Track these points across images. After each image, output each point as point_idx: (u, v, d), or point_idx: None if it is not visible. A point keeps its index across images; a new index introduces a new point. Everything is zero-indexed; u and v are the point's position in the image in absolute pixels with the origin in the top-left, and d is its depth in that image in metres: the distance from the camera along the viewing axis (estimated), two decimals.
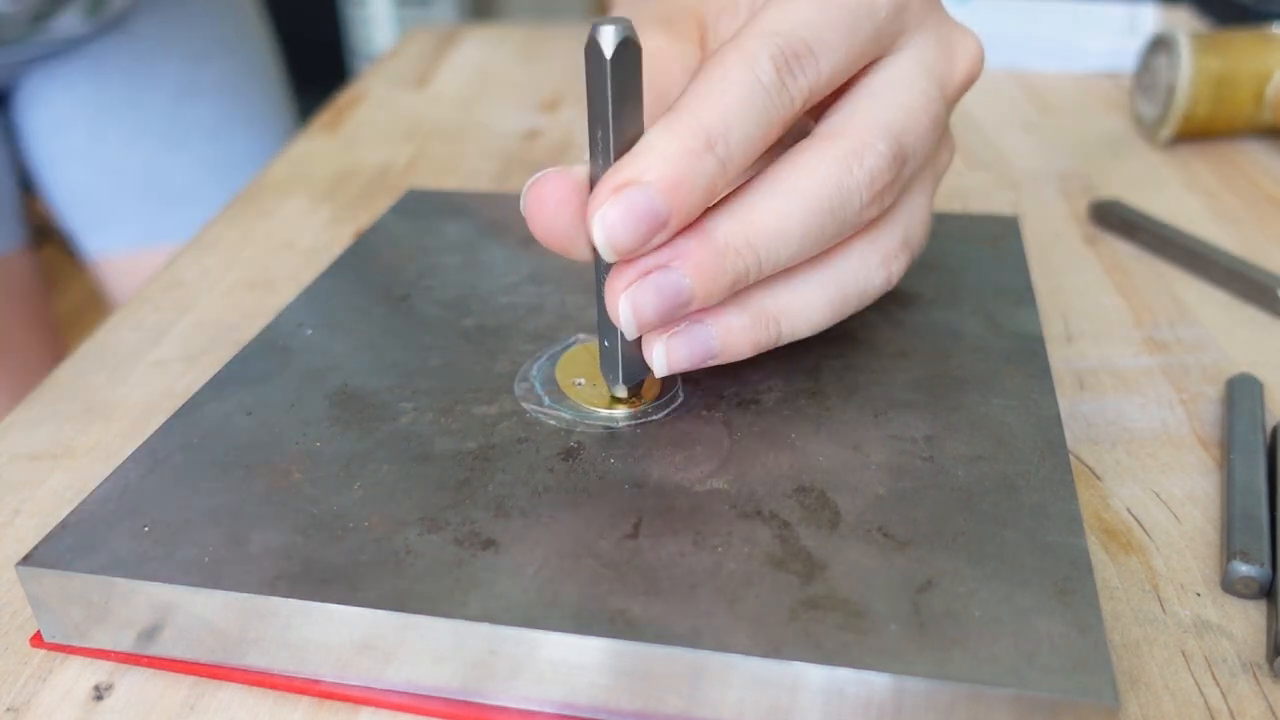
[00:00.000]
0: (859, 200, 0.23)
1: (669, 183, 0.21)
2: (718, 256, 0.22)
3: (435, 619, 0.20)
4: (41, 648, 0.24)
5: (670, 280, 0.22)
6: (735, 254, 0.23)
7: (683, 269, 0.22)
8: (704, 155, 0.21)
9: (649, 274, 0.22)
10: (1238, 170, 0.49)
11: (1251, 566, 0.24)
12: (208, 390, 0.28)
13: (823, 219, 0.23)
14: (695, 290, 0.23)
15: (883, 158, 0.24)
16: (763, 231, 0.23)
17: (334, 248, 0.43)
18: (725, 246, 0.22)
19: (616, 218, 0.21)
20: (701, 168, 0.21)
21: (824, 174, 0.23)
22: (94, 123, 0.64)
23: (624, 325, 0.23)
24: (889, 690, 0.19)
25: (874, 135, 0.24)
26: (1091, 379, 0.33)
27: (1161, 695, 0.22)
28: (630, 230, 0.21)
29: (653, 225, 0.21)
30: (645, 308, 0.23)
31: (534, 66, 0.69)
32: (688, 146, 0.21)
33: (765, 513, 0.23)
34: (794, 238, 0.23)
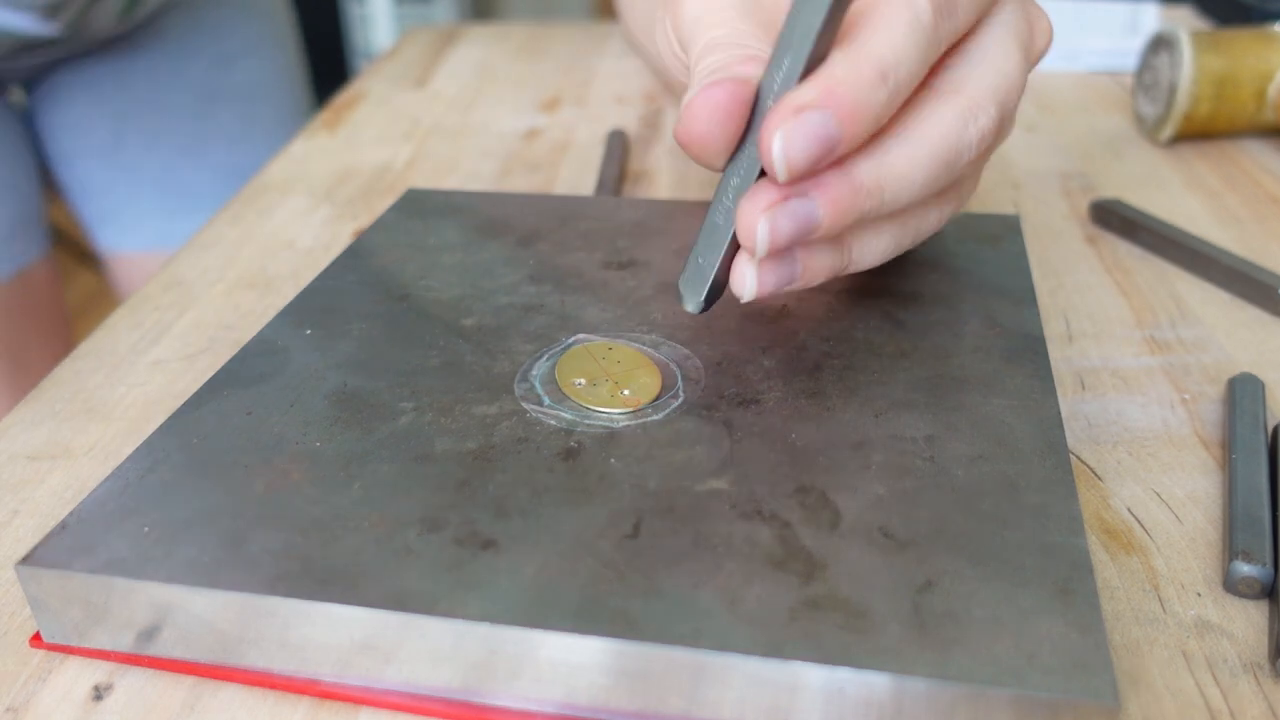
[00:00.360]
0: (969, 154, 0.25)
1: (849, 110, 0.23)
2: (853, 194, 0.24)
3: (435, 619, 0.20)
4: (41, 648, 0.24)
5: (806, 209, 0.24)
6: (867, 194, 0.24)
7: (820, 200, 0.24)
8: (878, 86, 0.23)
9: (789, 199, 0.24)
10: (1239, 170, 0.49)
11: (1254, 566, 0.24)
12: (207, 390, 0.28)
13: (941, 168, 0.25)
14: (824, 221, 0.24)
15: (992, 120, 0.26)
16: (893, 174, 0.24)
17: (334, 247, 0.43)
18: (860, 185, 0.24)
19: (796, 137, 0.22)
20: (875, 98, 0.23)
21: (947, 126, 0.25)
22: (115, 123, 0.63)
23: (758, 244, 0.24)
24: (889, 690, 0.19)
25: (987, 97, 0.26)
26: (1092, 379, 0.33)
27: (1162, 695, 0.22)
28: (805, 150, 0.23)
29: (826, 148, 0.23)
30: (780, 231, 0.24)
31: (534, 66, 0.69)
32: (866, 77, 0.23)
33: (765, 513, 0.23)
34: (918, 183, 0.25)
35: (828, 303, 0.31)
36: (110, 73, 0.62)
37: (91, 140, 0.64)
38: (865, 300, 0.32)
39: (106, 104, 0.63)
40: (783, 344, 0.29)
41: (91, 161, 0.64)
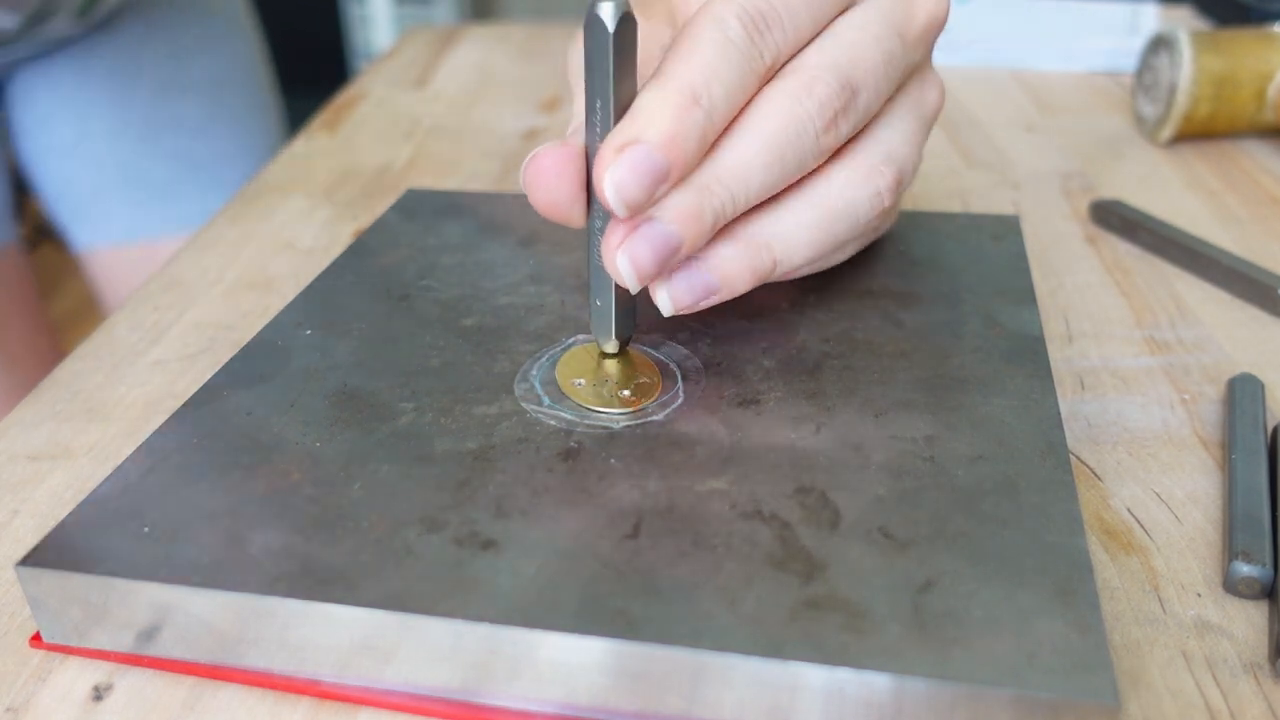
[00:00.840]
0: (813, 127, 0.25)
1: (666, 137, 0.23)
2: (695, 197, 0.24)
3: (435, 619, 0.20)
4: (41, 648, 0.24)
5: (658, 230, 0.24)
6: (709, 192, 0.24)
7: (666, 217, 0.24)
8: (692, 109, 0.23)
9: (638, 228, 0.24)
10: (1239, 170, 0.49)
11: (1254, 567, 0.24)
12: (207, 390, 0.28)
13: (781, 148, 0.25)
14: (682, 233, 0.24)
15: (829, 86, 0.25)
16: (729, 167, 0.25)
17: (333, 248, 0.43)
18: (700, 187, 0.24)
19: (624, 175, 0.23)
20: (692, 120, 0.23)
21: (776, 107, 0.25)
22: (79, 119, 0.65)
23: (626, 280, 0.25)
24: (889, 691, 0.19)
25: (820, 69, 0.25)
26: (1092, 379, 0.33)
27: (1162, 696, 0.22)
28: (637, 184, 0.23)
29: (656, 178, 0.23)
30: (642, 259, 0.24)
31: (534, 66, 0.69)
32: (676, 103, 0.23)
33: (765, 513, 0.23)
34: (757, 168, 0.25)
35: (828, 303, 0.31)
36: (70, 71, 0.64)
37: (58, 136, 0.65)
38: (865, 300, 0.32)
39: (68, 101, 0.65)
40: (783, 344, 0.29)
41: (58, 159, 0.66)
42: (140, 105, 0.65)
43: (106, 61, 0.64)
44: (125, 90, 0.65)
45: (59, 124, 0.65)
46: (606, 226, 0.25)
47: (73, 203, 0.67)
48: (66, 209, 0.68)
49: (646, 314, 0.31)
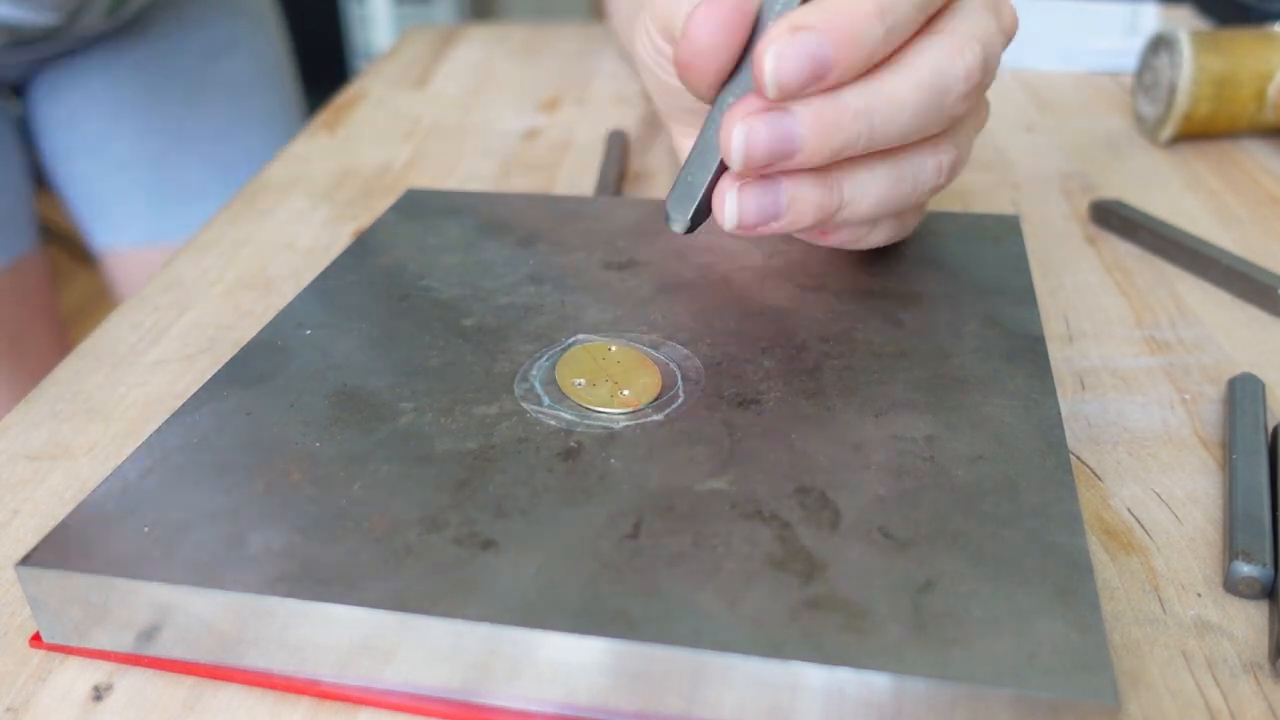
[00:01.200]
0: (957, 88, 0.26)
1: (844, 37, 0.23)
2: (837, 114, 0.24)
3: (435, 619, 0.20)
4: (41, 648, 0.24)
5: (787, 123, 0.24)
6: (853, 116, 0.24)
7: (803, 117, 0.24)
8: (874, 21, 0.24)
9: (770, 110, 0.24)
10: (1239, 170, 0.49)
11: (1254, 567, 0.24)
12: (207, 390, 0.28)
13: (930, 99, 0.25)
14: (807, 141, 0.24)
15: (978, 56, 0.26)
16: (881, 98, 0.25)
17: (333, 248, 0.43)
18: (845, 107, 0.24)
19: (789, 54, 0.23)
20: (871, 31, 0.24)
21: (934, 58, 0.25)
22: (106, 118, 0.64)
23: (733, 153, 0.24)
24: (889, 691, 0.19)
25: (972, 37, 0.26)
26: (1092, 379, 0.33)
27: (1162, 696, 0.22)
28: (797, 69, 0.23)
29: (817, 70, 0.23)
30: (757, 141, 0.24)
31: (534, 66, 0.69)
32: (865, 9, 0.23)
33: (765, 513, 0.23)
34: (906, 111, 0.25)
35: (828, 303, 0.31)
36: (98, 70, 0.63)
37: (82, 137, 0.65)
38: (865, 300, 0.32)
39: (95, 100, 0.64)
40: (783, 344, 0.29)
41: (83, 158, 0.66)
42: (169, 108, 0.65)
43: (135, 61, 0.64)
44: (154, 90, 0.64)
45: (86, 122, 0.64)
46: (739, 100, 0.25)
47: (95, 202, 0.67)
48: (89, 208, 0.67)
49: (648, 313, 0.31)
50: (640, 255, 0.35)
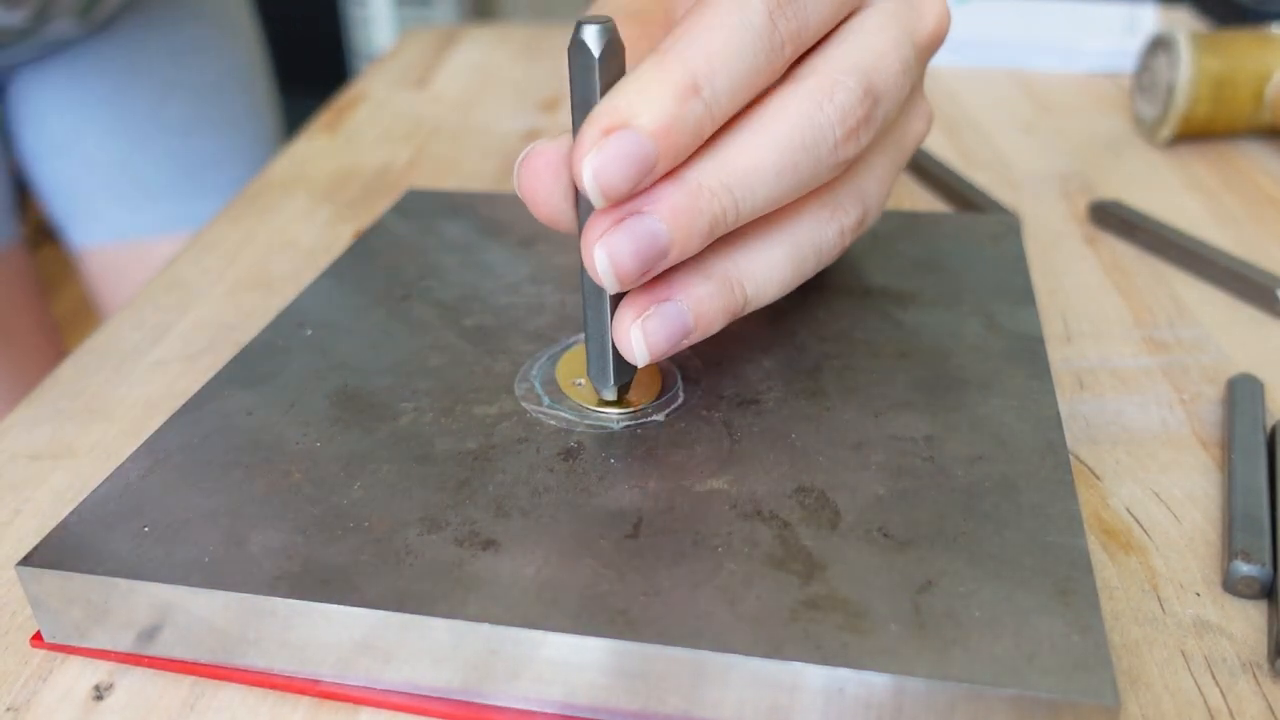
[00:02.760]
0: (832, 137, 0.23)
1: (658, 125, 0.21)
2: (693, 198, 0.22)
3: (435, 619, 0.20)
4: (41, 648, 0.24)
5: (646, 225, 0.22)
6: (711, 195, 0.22)
7: (657, 214, 0.22)
8: (691, 97, 0.21)
9: (622, 220, 0.22)
10: (1237, 170, 0.49)
11: (1253, 566, 0.24)
12: (208, 390, 0.28)
13: (797, 156, 0.23)
14: (673, 235, 0.22)
15: (852, 93, 0.23)
16: (737, 170, 0.22)
17: (334, 248, 0.43)
18: (700, 188, 0.22)
19: (605, 161, 0.21)
20: (689, 111, 0.21)
21: (795, 110, 0.23)
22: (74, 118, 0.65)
23: (603, 279, 0.22)
24: (889, 691, 0.19)
25: (843, 73, 0.23)
26: (1091, 379, 0.33)
27: (1161, 695, 0.22)
28: (620, 173, 0.21)
29: (642, 169, 0.21)
30: (622, 256, 0.22)
31: (534, 66, 0.69)
32: (675, 87, 0.21)
33: (765, 513, 0.23)
34: (769, 175, 0.23)
35: (827, 303, 0.32)
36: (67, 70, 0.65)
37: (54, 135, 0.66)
38: (865, 300, 0.32)
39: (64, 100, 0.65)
40: (783, 344, 0.29)
41: (54, 157, 0.67)
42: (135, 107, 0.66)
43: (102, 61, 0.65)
44: (120, 91, 0.65)
45: (55, 122, 0.65)
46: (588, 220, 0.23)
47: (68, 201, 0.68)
48: (62, 207, 0.69)
49: None
50: None
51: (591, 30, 0.22)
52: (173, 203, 0.67)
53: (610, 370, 0.26)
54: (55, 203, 0.69)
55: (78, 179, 0.67)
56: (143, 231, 0.67)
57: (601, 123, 0.21)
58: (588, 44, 0.22)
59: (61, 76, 0.64)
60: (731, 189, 0.22)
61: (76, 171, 0.67)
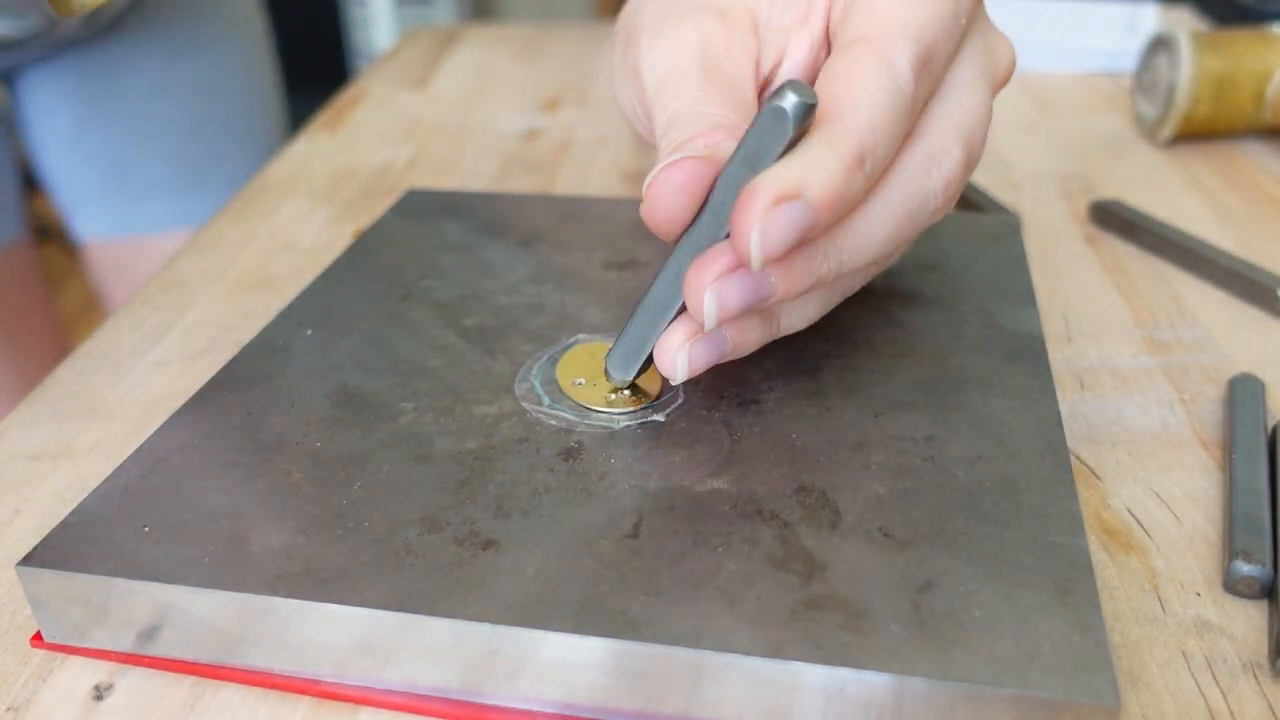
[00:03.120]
0: (934, 204, 0.24)
1: (828, 200, 0.21)
2: (808, 261, 0.23)
3: (435, 619, 0.20)
4: (42, 648, 0.24)
5: (761, 279, 0.23)
6: (824, 258, 0.23)
7: (772, 270, 0.23)
8: (857, 171, 0.22)
9: (740, 269, 0.23)
10: (1238, 170, 0.49)
11: (1254, 566, 0.24)
12: (208, 390, 0.28)
13: (904, 222, 0.24)
14: (777, 290, 0.23)
15: (957, 163, 0.24)
16: (852, 238, 0.23)
17: (334, 248, 0.43)
18: (817, 251, 0.23)
19: (776, 230, 0.21)
20: (854, 184, 0.22)
21: (908, 179, 0.24)
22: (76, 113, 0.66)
23: (705, 315, 0.23)
24: (889, 690, 0.19)
25: (950, 140, 0.24)
26: (1092, 379, 0.33)
27: (1162, 695, 0.22)
28: (782, 240, 0.21)
29: (803, 235, 0.22)
30: (729, 302, 0.23)
31: (534, 66, 0.69)
32: (846, 164, 0.22)
33: (766, 513, 0.23)
34: (878, 242, 0.24)
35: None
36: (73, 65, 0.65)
37: (57, 129, 0.67)
38: (865, 300, 0.32)
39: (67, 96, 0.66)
40: (783, 344, 0.29)
41: (59, 151, 0.67)
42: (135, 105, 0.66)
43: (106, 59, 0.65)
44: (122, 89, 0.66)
45: (58, 118, 0.66)
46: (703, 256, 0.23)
47: (70, 195, 0.69)
48: (65, 201, 0.69)
49: None
50: (640, 255, 0.35)
51: (792, 99, 0.21)
52: (176, 200, 0.67)
53: (637, 367, 0.26)
54: (60, 197, 0.69)
55: (81, 174, 0.67)
56: (137, 228, 0.68)
57: (776, 190, 0.21)
58: (786, 111, 0.21)
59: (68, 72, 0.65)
60: (843, 252, 0.23)
61: (80, 166, 0.67)
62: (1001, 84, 0.27)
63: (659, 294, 0.25)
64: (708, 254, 0.23)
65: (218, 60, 0.69)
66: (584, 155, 0.53)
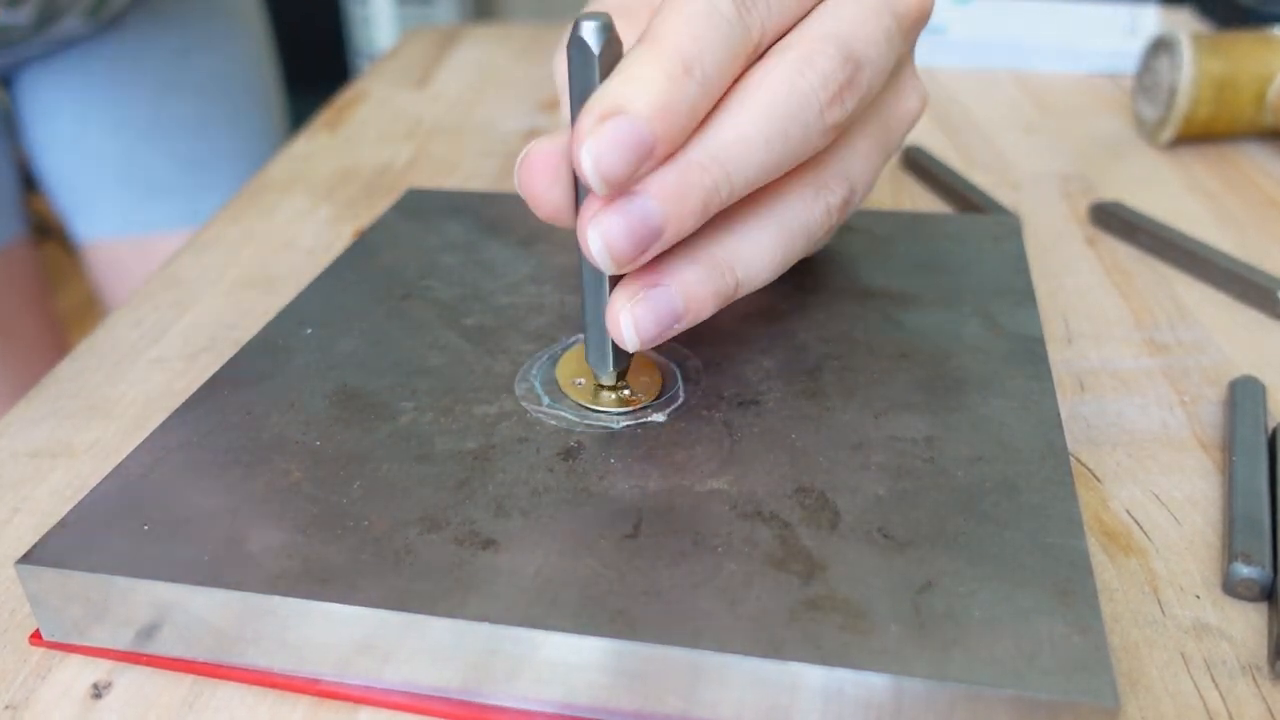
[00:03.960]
0: (817, 102, 0.23)
1: (657, 108, 0.21)
2: (683, 175, 0.22)
3: (435, 619, 0.20)
4: (40, 646, 0.24)
5: (638, 205, 0.22)
6: (701, 170, 0.22)
7: (649, 192, 0.22)
8: (684, 79, 0.21)
9: (614, 202, 0.22)
10: (1238, 172, 0.49)
11: (1253, 569, 0.24)
12: (207, 389, 0.28)
13: (784, 124, 0.23)
14: (666, 214, 0.22)
15: (832, 59, 0.23)
16: (726, 143, 0.22)
17: (334, 247, 0.43)
18: (690, 164, 0.22)
19: (604, 146, 0.21)
20: (684, 92, 0.21)
21: (777, 79, 0.23)
22: (79, 113, 0.66)
23: (598, 260, 0.22)
24: (889, 691, 0.19)
25: (820, 40, 0.23)
26: (1092, 380, 0.33)
27: (1161, 697, 0.22)
28: (620, 158, 0.21)
29: (641, 152, 0.21)
30: (616, 236, 0.22)
31: (534, 66, 0.69)
32: (669, 71, 0.21)
33: (765, 513, 0.23)
34: (758, 145, 0.23)
35: (827, 303, 0.31)
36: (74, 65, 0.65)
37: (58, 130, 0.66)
38: (865, 301, 0.32)
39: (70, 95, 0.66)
40: (783, 344, 0.29)
41: (59, 151, 0.67)
42: (140, 104, 0.66)
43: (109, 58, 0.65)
44: (126, 88, 0.66)
45: (60, 117, 0.66)
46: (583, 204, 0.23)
47: (72, 195, 0.68)
48: (67, 201, 0.69)
49: None
50: None
51: (590, 26, 0.22)
52: (178, 199, 0.67)
53: (609, 355, 0.26)
54: (61, 197, 0.69)
55: (83, 174, 0.67)
56: (148, 227, 0.67)
57: (598, 110, 0.21)
58: (586, 40, 0.22)
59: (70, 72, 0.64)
60: (722, 162, 0.22)
61: (82, 166, 0.67)
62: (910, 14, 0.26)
63: (586, 273, 0.25)
64: (585, 201, 0.23)
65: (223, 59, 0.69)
66: None
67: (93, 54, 0.64)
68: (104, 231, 0.68)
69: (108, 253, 0.69)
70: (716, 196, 0.23)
